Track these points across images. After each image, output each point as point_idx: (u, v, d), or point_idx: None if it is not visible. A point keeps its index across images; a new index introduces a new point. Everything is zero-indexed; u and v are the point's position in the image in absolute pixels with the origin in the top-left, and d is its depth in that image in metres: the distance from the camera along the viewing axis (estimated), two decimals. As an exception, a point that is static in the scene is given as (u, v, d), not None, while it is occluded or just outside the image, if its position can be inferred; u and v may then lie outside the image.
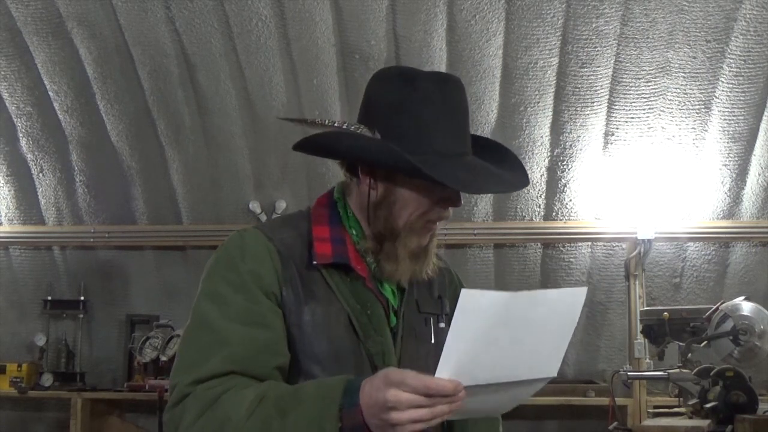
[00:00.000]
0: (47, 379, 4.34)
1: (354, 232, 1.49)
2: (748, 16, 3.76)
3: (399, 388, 1.15)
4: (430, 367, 1.18)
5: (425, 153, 1.40)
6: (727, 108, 3.97)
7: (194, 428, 1.29)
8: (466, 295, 1.12)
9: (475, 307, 1.13)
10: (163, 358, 4.19)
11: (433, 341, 1.53)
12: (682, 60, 3.89)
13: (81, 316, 4.58)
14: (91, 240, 4.58)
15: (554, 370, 1.28)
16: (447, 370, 1.15)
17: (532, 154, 4.16)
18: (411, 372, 1.16)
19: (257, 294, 1.39)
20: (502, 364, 1.20)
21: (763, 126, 4.00)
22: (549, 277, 4.37)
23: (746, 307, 3.08)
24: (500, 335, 1.16)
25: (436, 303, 1.57)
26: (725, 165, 4.11)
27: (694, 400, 3.00)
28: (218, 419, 1.28)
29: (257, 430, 1.26)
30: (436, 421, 1.17)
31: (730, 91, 3.93)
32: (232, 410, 1.27)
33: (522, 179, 1.53)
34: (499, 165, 1.51)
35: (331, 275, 1.44)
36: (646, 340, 3.84)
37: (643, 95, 3.99)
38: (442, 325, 1.55)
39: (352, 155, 1.46)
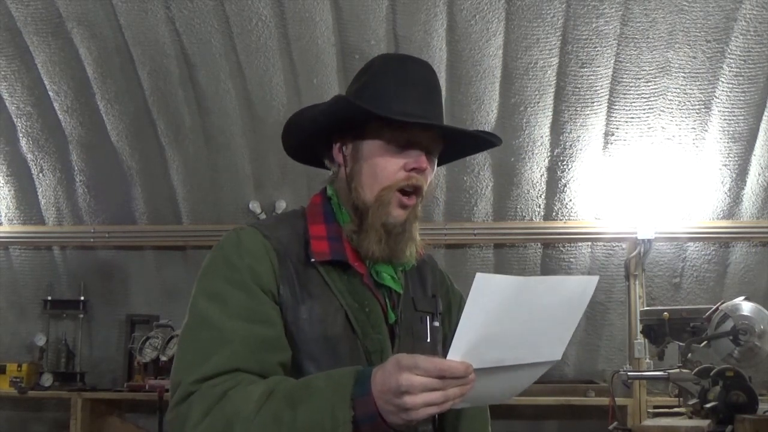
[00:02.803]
0: (47, 379, 4.34)
1: (347, 226, 1.49)
2: (748, 16, 3.76)
3: (411, 371, 1.15)
4: None
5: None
6: (727, 108, 3.97)
7: (202, 425, 1.28)
8: (480, 278, 1.13)
9: (489, 291, 1.14)
10: (163, 358, 4.19)
11: (428, 340, 1.54)
12: (682, 60, 3.89)
13: (81, 316, 4.59)
14: (91, 240, 4.58)
15: (558, 354, 1.30)
16: (458, 352, 1.16)
17: (532, 154, 4.16)
18: (422, 356, 1.17)
19: (256, 291, 1.39)
20: (511, 347, 1.22)
21: (763, 126, 4.00)
22: (549, 278, 4.36)
23: (746, 307, 3.07)
24: (511, 319, 1.18)
25: (430, 301, 1.59)
26: (725, 165, 4.10)
27: (694, 400, 3.00)
28: (226, 415, 1.27)
29: (268, 423, 1.25)
30: (448, 405, 1.17)
31: (730, 91, 3.93)
32: (241, 405, 1.27)
33: (490, 136, 1.55)
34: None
35: (328, 273, 1.45)
36: (646, 340, 3.84)
37: (643, 95, 3.99)
38: (437, 324, 1.57)
39: (312, 118, 1.51)
